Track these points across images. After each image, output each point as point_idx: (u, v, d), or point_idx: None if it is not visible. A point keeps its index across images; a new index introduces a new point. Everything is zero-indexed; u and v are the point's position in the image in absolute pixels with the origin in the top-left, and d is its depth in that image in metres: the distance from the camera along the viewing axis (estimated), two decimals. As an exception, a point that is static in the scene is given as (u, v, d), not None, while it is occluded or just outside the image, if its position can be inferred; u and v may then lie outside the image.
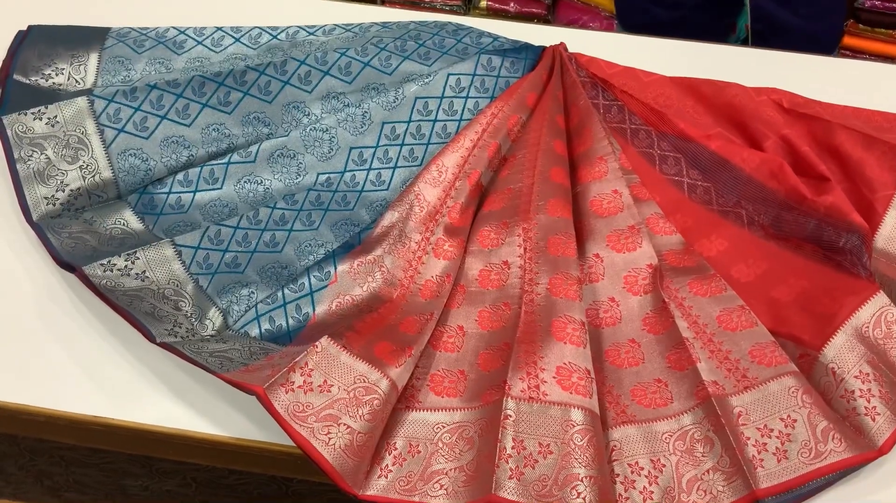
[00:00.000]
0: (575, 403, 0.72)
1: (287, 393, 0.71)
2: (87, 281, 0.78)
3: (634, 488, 0.72)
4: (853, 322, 0.78)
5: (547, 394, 0.73)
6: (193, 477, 1.18)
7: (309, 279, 0.82)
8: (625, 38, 1.24)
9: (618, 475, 0.73)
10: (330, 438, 0.70)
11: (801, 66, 1.13)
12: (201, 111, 0.94)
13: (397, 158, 0.94)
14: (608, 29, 2.01)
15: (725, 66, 1.10)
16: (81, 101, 0.91)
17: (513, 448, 0.70)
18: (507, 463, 0.69)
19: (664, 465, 0.73)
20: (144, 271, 0.81)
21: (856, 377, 0.75)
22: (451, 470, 0.72)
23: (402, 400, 0.77)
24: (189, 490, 1.20)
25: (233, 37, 1.03)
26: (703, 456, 0.73)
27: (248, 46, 1.02)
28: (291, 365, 0.72)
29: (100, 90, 0.93)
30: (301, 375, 0.72)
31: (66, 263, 0.80)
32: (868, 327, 0.77)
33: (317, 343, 0.74)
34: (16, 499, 1.21)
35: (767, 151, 0.93)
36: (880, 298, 0.79)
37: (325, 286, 0.82)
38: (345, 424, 0.71)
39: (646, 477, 0.72)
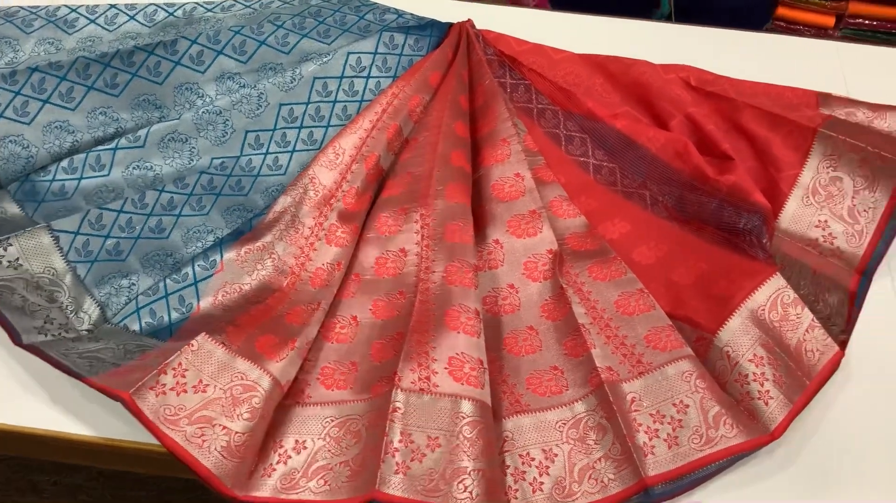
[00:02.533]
0: (466, 394, 0.70)
1: (158, 396, 0.67)
2: (-49, 272, 0.74)
3: (524, 479, 0.70)
4: (749, 304, 0.76)
5: (438, 386, 0.71)
6: (100, 470, 1.15)
7: (193, 268, 0.79)
8: (545, 15, 1.21)
9: (508, 467, 0.71)
10: (205, 441, 0.67)
11: (726, 41, 1.11)
12: (87, 94, 0.89)
13: (295, 142, 0.91)
14: (542, 6, 1.98)
15: (650, 42, 1.08)
16: None
17: (400, 441, 0.68)
18: (394, 457, 0.67)
19: (556, 455, 0.71)
20: (17, 259, 0.76)
21: (750, 360, 0.74)
22: (336, 465, 0.69)
23: (291, 395, 0.74)
24: (97, 483, 1.17)
25: (127, 14, 0.98)
26: (595, 443, 0.71)
27: (142, 24, 0.97)
28: (162, 366, 0.69)
29: None
30: (173, 376, 0.69)
31: None
32: (764, 310, 0.76)
33: (193, 341, 0.70)
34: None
35: (673, 130, 0.91)
36: (776, 280, 0.77)
37: (211, 275, 0.79)
38: (221, 425, 0.68)
39: (537, 467, 0.71)
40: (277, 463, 0.70)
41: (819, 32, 1.81)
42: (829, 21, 1.82)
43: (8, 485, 1.18)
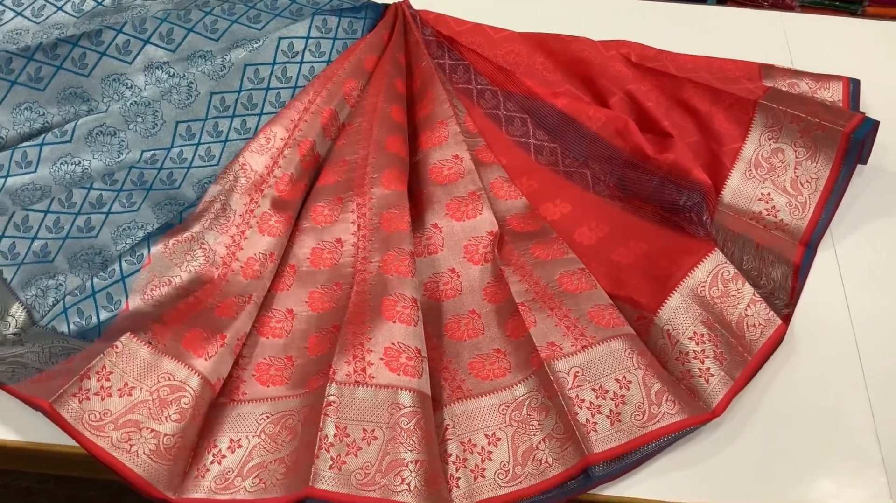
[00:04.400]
0: (402, 385, 0.69)
1: (81, 402, 0.65)
2: None
3: (466, 467, 0.69)
4: (688, 282, 0.75)
5: (374, 377, 0.69)
6: (37, 471, 1.13)
7: (120, 264, 0.77)
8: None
9: (450, 455, 0.70)
10: (132, 446, 0.65)
11: (671, 14, 1.10)
12: (10, 89, 0.86)
13: (228, 131, 0.88)
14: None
15: (593, 17, 1.06)
16: None
17: (335, 436, 0.66)
18: (329, 452, 0.65)
19: (500, 439, 0.70)
20: None
21: (690, 338, 0.73)
22: (270, 462, 0.68)
23: (226, 393, 0.72)
24: (48, 485, 1.14)
25: (54, 5, 0.95)
26: (538, 424, 0.70)
27: (70, 15, 0.94)
28: (85, 371, 0.66)
29: None
30: (97, 380, 0.67)
31: None
32: (704, 287, 0.75)
33: (117, 342, 0.68)
34: None
35: (613, 108, 0.90)
36: (716, 256, 0.76)
37: (138, 270, 0.77)
38: (148, 428, 0.66)
39: (479, 453, 0.69)
40: (211, 463, 0.68)
41: (777, 3, 1.79)
42: (787, -8, 1.80)
43: (-43, 492, 1.15)
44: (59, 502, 1.14)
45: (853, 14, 1.76)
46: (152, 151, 0.86)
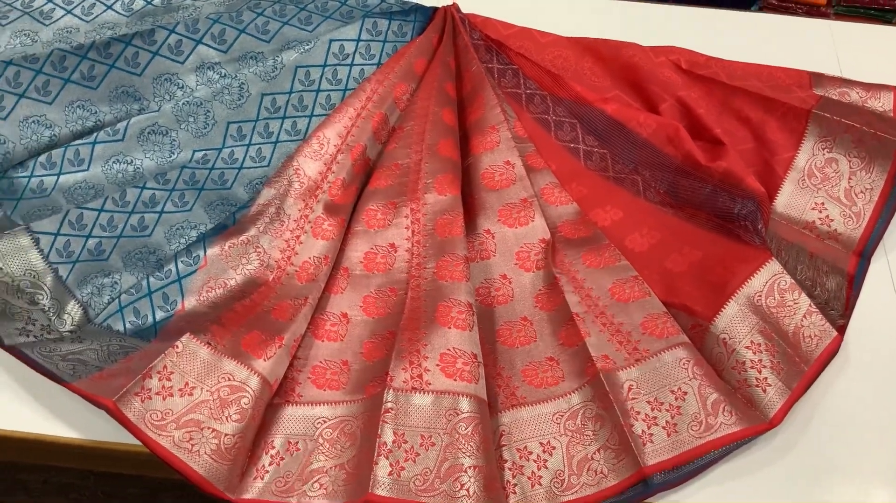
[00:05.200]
0: (459, 391, 0.69)
1: (143, 401, 0.66)
2: (-70, 277, 0.72)
3: (523, 474, 0.69)
4: (745, 291, 0.75)
5: (430, 384, 0.69)
6: (91, 468, 1.13)
7: (176, 265, 0.77)
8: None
9: (506, 461, 0.70)
10: (194, 445, 0.65)
11: (716, 21, 1.10)
12: (63, 87, 0.86)
13: (279, 132, 0.89)
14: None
15: (639, 23, 1.06)
16: None
17: (393, 442, 0.66)
18: (387, 458, 0.66)
19: (554, 448, 0.70)
20: None
21: (747, 348, 0.73)
22: (331, 468, 0.68)
23: (281, 394, 0.72)
24: (89, 481, 1.15)
25: (104, 4, 0.95)
26: (593, 434, 0.70)
27: (120, 14, 0.95)
28: (147, 370, 0.67)
29: None
30: (159, 380, 0.67)
31: None
32: (760, 296, 0.75)
33: (177, 342, 0.69)
34: None
35: (663, 114, 0.89)
36: (773, 266, 0.76)
37: (194, 271, 0.77)
38: (209, 428, 0.66)
39: (534, 461, 0.69)
40: (270, 464, 0.68)
41: (811, 10, 1.79)
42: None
43: (-4, 486, 1.16)
44: (97, 499, 1.14)
45: (888, 23, 1.76)
46: (203, 151, 0.86)
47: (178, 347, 0.69)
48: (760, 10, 1.79)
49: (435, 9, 0.98)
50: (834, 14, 1.81)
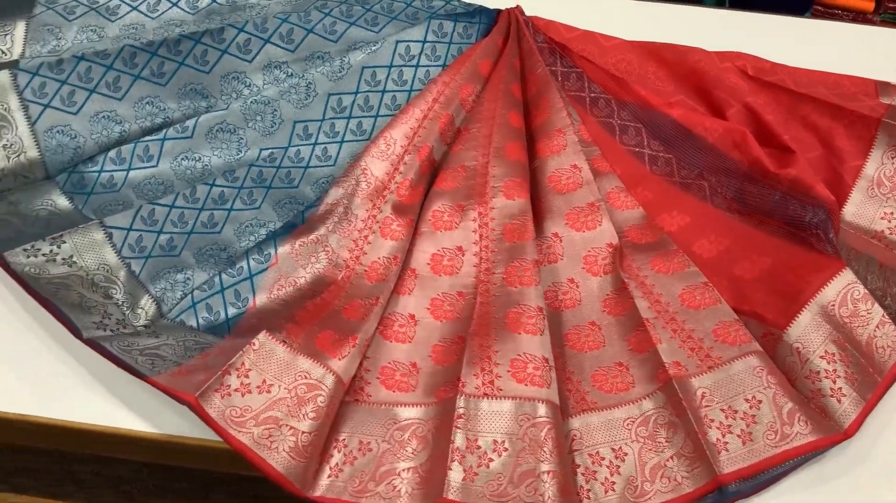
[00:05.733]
0: (531, 395, 0.69)
1: (223, 398, 0.66)
2: (8, 269, 0.73)
3: (596, 479, 0.69)
4: (819, 300, 0.75)
5: (501, 389, 0.69)
6: (146, 462, 1.14)
7: (248, 262, 0.78)
8: (591, 0, 1.19)
9: (578, 466, 0.70)
10: (272, 442, 0.66)
11: (769, 27, 1.09)
12: (133, 83, 0.87)
13: (344, 132, 0.89)
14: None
15: (692, 28, 1.05)
16: (3, 76, 0.84)
17: (466, 447, 0.66)
18: (460, 463, 0.66)
19: (626, 454, 0.70)
20: (72, 256, 0.75)
21: (821, 357, 0.72)
22: (403, 470, 0.68)
23: (351, 392, 0.73)
24: (141, 475, 1.16)
25: (170, 1, 0.96)
26: (666, 441, 0.70)
27: (185, 11, 0.95)
28: (226, 367, 0.67)
29: (25, 63, 0.86)
30: (237, 377, 0.67)
31: None
32: (834, 305, 0.74)
33: (254, 340, 0.69)
34: (-44, 486, 1.15)
35: (731, 120, 0.89)
36: (846, 275, 0.76)
37: (266, 269, 0.77)
38: (287, 425, 0.67)
39: (607, 467, 0.69)
40: (344, 463, 0.69)
41: (858, 17, 1.77)
42: (869, 6, 1.78)
43: (48, 476, 1.17)
44: (149, 492, 1.15)
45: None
46: (270, 150, 0.87)
47: (255, 345, 0.69)
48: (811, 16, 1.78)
49: (499, 11, 0.98)
50: (880, 21, 1.80)
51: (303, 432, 0.67)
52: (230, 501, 1.16)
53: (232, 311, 0.76)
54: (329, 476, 0.68)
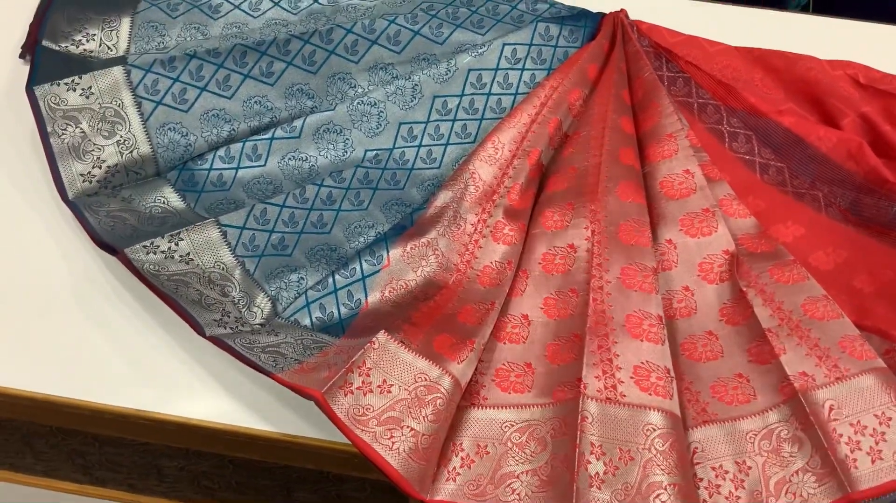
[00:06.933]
0: (654, 405, 0.68)
1: (346, 395, 0.66)
2: (129, 265, 0.73)
3: (720, 493, 0.68)
4: (947, 315, 0.73)
5: (625, 396, 0.68)
6: (231, 458, 1.15)
7: (361, 263, 0.78)
8: (678, 4, 1.17)
9: (701, 479, 0.68)
10: (394, 443, 0.66)
11: (867, 35, 1.06)
12: (243, 82, 0.88)
13: (449, 134, 0.89)
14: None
15: (785, 34, 1.03)
16: (117, 72, 0.85)
17: (591, 453, 0.66)
18: (587, 469, 0.65)
19: (750, 467, 0.69)
20: (189, 253, 0.76)
21: (951, 375, 0.70)
22: (522, 473, 0.68)
23: (466, 396, 0.72)
24: (226, 471, 1.17)
25: (271, 1, 0.97)
26: (791, 456, 0.68)
27: (287, 11, 0.96)
28: (349, 365, 0.67)
29: (135, 59, 0.87)
30: (359, 376, 0.67)
31: (105, 244, 0.75)
32: (962, 321, 0.73)
33: (374, 339, 0.69)
34: (46, 477, 1.17)
35: (845, 130, 0.87)
36: (975, 291, 0.74)
37: (378, 271, 0.77)
38: (408, 427, 0.66)
39: (731, 481, 0.68)
40: (461, 466, 0.68)
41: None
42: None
43: (132, 469, 1.18)
44: (230, 488, 1.16)
45: None
46: (375, 151, 0.87)
47: (375, 344, 0.69)
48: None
49: (603, 14, 0.97)
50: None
51: (422, 434, 0.67)
52: (312, 500, 1.16)
53: (345, 312, 0.76)
54: (447, 480, 0.68)
